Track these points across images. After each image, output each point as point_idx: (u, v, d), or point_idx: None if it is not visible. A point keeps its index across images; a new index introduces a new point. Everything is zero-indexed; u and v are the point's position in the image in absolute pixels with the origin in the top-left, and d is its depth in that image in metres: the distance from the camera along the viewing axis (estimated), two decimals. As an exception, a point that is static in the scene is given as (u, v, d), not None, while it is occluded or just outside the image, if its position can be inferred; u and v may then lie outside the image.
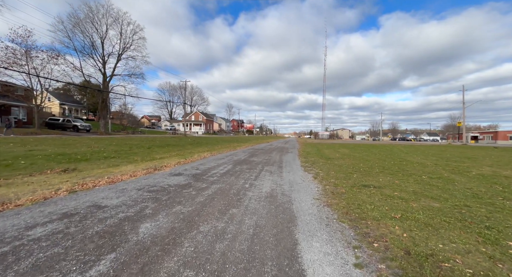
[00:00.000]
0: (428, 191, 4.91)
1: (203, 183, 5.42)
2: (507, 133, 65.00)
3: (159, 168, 7.58)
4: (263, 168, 8.09)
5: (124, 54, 30.97)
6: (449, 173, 7.13)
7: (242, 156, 12.36)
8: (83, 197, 3.98)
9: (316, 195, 4.74)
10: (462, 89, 44.60)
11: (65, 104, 43.83)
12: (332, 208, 3.90)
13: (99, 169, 7.41)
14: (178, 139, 26.55)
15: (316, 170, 8.06)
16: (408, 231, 2.92)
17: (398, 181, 5.92)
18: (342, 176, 6.84)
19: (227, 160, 10.11)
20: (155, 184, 5.15)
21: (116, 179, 5.65)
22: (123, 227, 2.82)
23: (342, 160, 11.06)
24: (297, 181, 6.05)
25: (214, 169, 7.65)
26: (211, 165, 8.57)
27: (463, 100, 44.65)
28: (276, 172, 7.45)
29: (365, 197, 4.48)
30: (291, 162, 10.35)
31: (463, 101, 44.62)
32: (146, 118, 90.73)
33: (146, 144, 17.04)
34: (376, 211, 3.64)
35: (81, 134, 24.21)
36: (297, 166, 8.93)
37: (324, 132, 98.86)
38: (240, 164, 9.10)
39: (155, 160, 10.44)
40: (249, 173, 6.98)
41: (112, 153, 11.33)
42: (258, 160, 10.43)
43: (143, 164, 8.74)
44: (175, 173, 6.64)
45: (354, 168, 8.34)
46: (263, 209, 3.71)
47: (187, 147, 18.23)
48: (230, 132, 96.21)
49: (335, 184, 5.74)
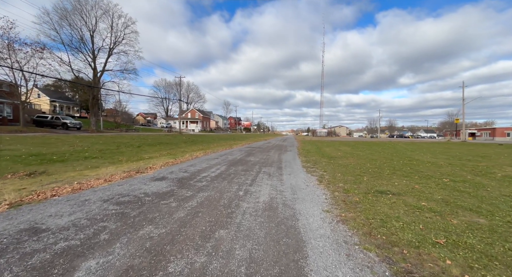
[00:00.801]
0: (460, 200, 4.07)
1: (189, 191, 4.51)
2: (505, 130, 64.93)
3: (142, 170, 6.66)
4: (260, 170, 7.21)
5: (116, 48, 29.63)
6: (472, 175, 6.31)
7: (238, 155, 11.47)
8: (24, 215, 3.04)
9: (325, 205, 3.87)
10: (462, 85, 44.06)
11: (56, 101, 42.37)
12: (349, 225, 3.03)
13: (73, 172, 6.46)
14: (172, 137, 25.52)
15: (319, 171, 7.20)
16: (469, 269, 2.05)
17: (418, 186, 5.08)
18: (350, 179, 5.98)
19: (221, 160, 9.21)
20: (128, 193, 4.24)
21: (84, 186, 4.72)
22: (51, 270, 1.90)
23: (346, 159, 10.22)
24: (300, 186, 5.18)
25: (205, 171, 6.74)
26: (203, 166, 7.66)
27: (463, 97, 44.14)
28: (275, 174, 6.57)
29: (387, 209, 3.62)
30: (291, 162, 9.49)
31: (463, 97, 44.11)
32: (141, 115, 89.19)
33: (137, 142, 16.05)
34: (408, 232, 2.78)
35: (71, 132, 23.06)
36: (298, 167, 8.07)
37: (322, 130, 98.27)
38: (235, 164, 8.20)
39: (142, 160, 9.51)
40: (245, 176, 6.08)
41: (95, 152, 10.35)
42: (255, 160, 9.55)
43: (127, 165, 7.80)
44: (158, 177, 5.71)
45: (362, 169, 7.50)
46: (261, 230, 2.83)
47: (180, 145, 17.27)
48: (227, 129, 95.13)
49: (345, 189, 4.88)
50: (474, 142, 40.93)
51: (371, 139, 52.92)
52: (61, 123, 26.95)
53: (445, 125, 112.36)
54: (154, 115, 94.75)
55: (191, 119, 66.25)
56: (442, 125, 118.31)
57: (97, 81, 28.77)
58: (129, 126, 48.72)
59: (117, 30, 28.32)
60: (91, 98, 28.18)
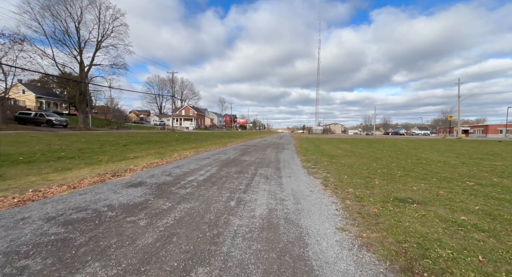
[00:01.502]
0: (506, 212, 3.29)
1: (167, 201, 3.63)
2: (497, 127, 65.68)
3: (120, 173, 5.73)
4: (256, 171, 6.36)
5: (104, 42, 28.18)
6: (497, 178, 5.59)
7: (232, 154, 10.59)
8: None
9: (338, 220, 3.05)
10: (458, 82, 43.95)
11: (42, 97, 40.60)
12: (377, 254, 2.21)
13: (35, 176, 5.49)
14: (164, 134, 24.44)
15: (322, 172, 6.40)
16: None
17: (443, 192, 4.31)
18: (360, 182, 5.19)
19: (213, 160, 8.32)
20: (88, 206, 3.33)
21: (39, 195, 3.79)
22: None
23: (349, 158, 9.46)
24: (303, 192, 4.35)
25: (193, 174, 5.85)
26: (191, 167, 6.77)
27: (458, 94, 44.06)
28: (274, 177, 5.74)
29: (418, 225, 2.82)
30: (290, 161, 8.67)
31: (458, 94, 44.03)
32: (134, 113, 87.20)
33: (124, 140, 15.00)
34: (466, 267, 1.97)
35: (55, 130, 21.76)
36: (298, 167, 7.25)
37: (318, 127, 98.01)
38: (228, 165, 7.33)
39: (126, 160, 8.55)
40: (238, 180, 5.22)
41: (73, 152, 9.33)
42: (250, 160, 8.69)
43: (105, 167, 6.85)
44: (134, 183, 4.80)
45: (369, 170, 6.73)
46: (257, 265, 1.99)
47: (171, 143, 16.29)
48: (223, 127, 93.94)
49: (357, 196, 4.08)
50: (470, 139, 40.97)
51: (367, 137, 52.67)
52: (45, 120, 25.51)
53: (438, 122, 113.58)
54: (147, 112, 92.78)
55: (185, 117, 64.85)
56: (435, 122, 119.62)
57: (84, 76, 27.35)
58: (120, 124, 47.24)
59: (105, 22, 26.87)
60: (78, 94, 26.77)
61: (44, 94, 41.60)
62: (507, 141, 27.84)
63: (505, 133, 61.55)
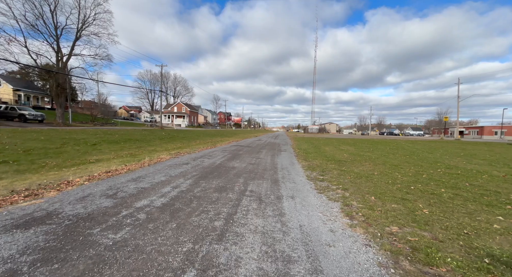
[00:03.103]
0: None
1: (59, 270, 1.79)
2: (493, 128, 65.66)
3: (41, 191, 3.84)
4: (246, 187, 4.55)
5: (86, 30, 25.80)
6: None
7: (220, 158, 8.75)
8: None
9: None
10: (458, 82, 43.08)
11: (21, 90, 37.67)
12: None
13: None
14: (150, 132, 22.37)
15: (336, 188, 4.64)
16: None
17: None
18: (399, 209, 3.45)
19: (192, 167, 6.47)
20: None
21: None
22: None
23: (360, 165, 7.76)
24: (319, 236, 2.58)
25: (150, 193, 4.00)
26: (155, 180, 4.91)
27: (458, 94, 43.21)
28: (270, 197, 3.94)
29: None
30: (290, 169, 6.90)
31: (458, 94, 43.19)
32: (124, 109, 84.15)
33: (97, 138, 12.97)
34: None
35: (29, 125, 19.47)
36: (301, 179, 5.49)
37: (314, 126, 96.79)
38: (208, 176, 5.50)
39: (81, 165, 6.65)
40: (216, 207, 3.41)
41: (15, 153, 7.35)
42: (240, 167, 6.88)
43: (38, 177, 4.94)
44: (37, 216, 2.92)
45: (397, 185, 5.01)
46: None
47: (152, 143, 14.32)
48: (217, 125, 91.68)
49: (414, 248, 2.33)
50: (470, 140, 40.12)
51: (363, 137, 51.52)
52: (17, 114, 23.11)
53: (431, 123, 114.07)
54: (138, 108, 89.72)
55: (177, 113, 62.43)
56: (428, 123, 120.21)
57: (63, 67, 24.91)
58: (107, 120, 44.68)
59: (85, 8, 24.45)
60: (54, 86, 24.33)
61: (23, 87, 38.69)
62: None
63: (500, 135, 61.47)
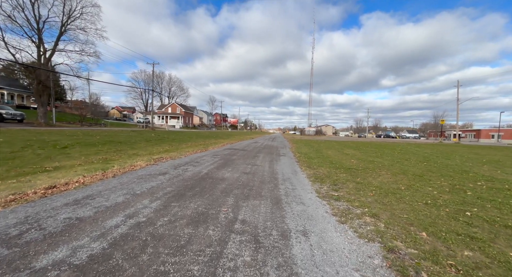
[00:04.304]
0: None
1: None
2: (489, 132, 65.60)
3: None
4: (235, 215, 3.18)
5: (72, 24, 24.22)
6: None
7: (208, 164, 7.36)
8: None
9: None
10: (457, 84, 42.53)
11: (4, 88, 35.69)
12: None
13: None
14: (138, 133, 20.82)
15: (361, 212, 3.31)
16: None
17: None
18: (481, 260, 2.13)
19: (168, 180, 5.07)
20: None
21: None
22: None
23: (377, 175, 6.47)
24: None
25: (86, 229, 2.60)
26: (109, 202, 3.50)
27: (457, 96, 42.63)
28: (270, 235, 2.58)
29: None
30: (293, 180, 5.56)
31: (457, 97, 42.61)
32: (117, 109, 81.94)
33: (72, 140, 11.44)
34: None
35: (5, 125, 17.71)
36: (310, 197, 4.14)
37: (311, 128, 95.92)
38: (184, 195, 4.11)
39: (32, 174, 5.20)
40: (183, 257, 2.03)
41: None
42: (231, 178, 5.50)
43: None
44: None
45: (441, 206, 3.71)
46: None
47: (137, 145, 12.83)
48: (213, 126, 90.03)
49: None
50: (472, 144, 39.47)
51: (362, 139, 50.59)
52: (-7, 113, 21.34)
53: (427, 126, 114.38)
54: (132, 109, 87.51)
55: (171, 114, 60.67)
56: (423, 126, 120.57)
57: (45, 63, 23.23)
58: (97, 120, 42.82)
59: (70, 0, 22.89)
60: (35, 83, 22.62)
61: (6, 85, 36.69)
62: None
63: (497, 138, 61.34)
